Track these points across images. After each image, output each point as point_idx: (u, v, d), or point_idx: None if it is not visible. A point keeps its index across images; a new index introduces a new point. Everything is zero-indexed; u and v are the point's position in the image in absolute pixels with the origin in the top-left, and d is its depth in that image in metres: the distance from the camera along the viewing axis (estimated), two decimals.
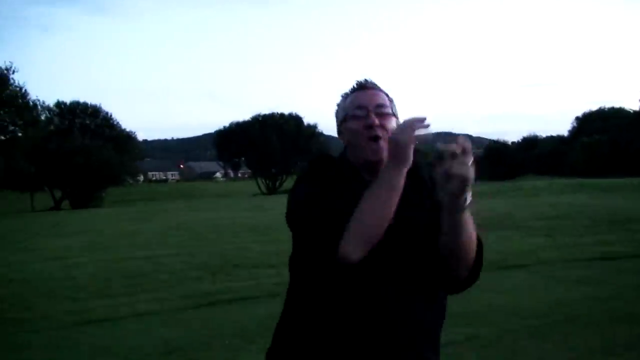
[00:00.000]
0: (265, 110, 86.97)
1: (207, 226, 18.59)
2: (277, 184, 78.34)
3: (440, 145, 1.70)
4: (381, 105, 1.96)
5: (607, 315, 6.44)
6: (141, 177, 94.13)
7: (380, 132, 1.91)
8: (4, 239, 18.02)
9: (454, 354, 5.23)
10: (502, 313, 6.83)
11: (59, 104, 56.33)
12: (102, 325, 7.50)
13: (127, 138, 58.01)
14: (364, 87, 2.01)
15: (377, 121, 1.92)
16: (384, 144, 1.89)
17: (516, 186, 30.09)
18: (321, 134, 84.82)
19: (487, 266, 6.95)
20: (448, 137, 1.79)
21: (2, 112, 39.93)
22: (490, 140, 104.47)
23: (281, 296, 7.14)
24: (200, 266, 11.44)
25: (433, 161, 1.71)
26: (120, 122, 58.90)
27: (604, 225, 14.22)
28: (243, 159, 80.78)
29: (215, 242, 14.84)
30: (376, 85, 2.01)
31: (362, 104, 1.96)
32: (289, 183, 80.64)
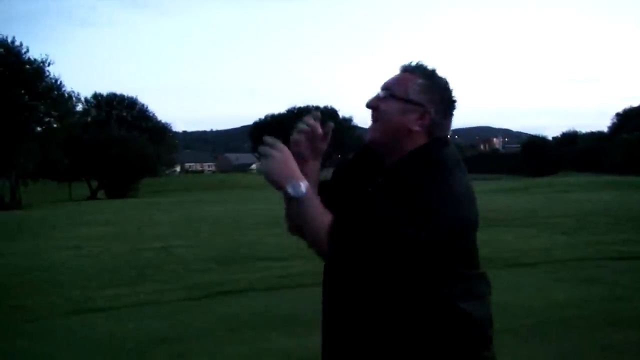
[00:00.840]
0: (301, 103, 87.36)
1: (229, 218, 18.70)
2: None
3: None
4: (384, 88, 1.91)
5: (605, 317, 6.23)
6: (178, 168, 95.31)
7: (373, 115, 1.90)
8: (29, 229, 18.35)
9: None
10: (495, 312, 6.66)
11: (96, 96, 57.16)
12: (98, 315, 7.52)
13: (163, 130, 58.66)
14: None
15: (371, 103, 1.91)
16: (374, 127, 1.89)
17: (547, 182, 29.67)
18: (356, 127, 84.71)
19: (496, 264, 6.95)
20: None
21: (37, 103, 40.67)
22: (530, 135, 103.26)
23: (282, 289, 7.19)
24: (211, 258, 11.47)
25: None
26: (156, 114, 59.61)
27: (628, 224, 13.87)
28: None
29: (232, 234, 14.90)
30: (409, 66, 1.92)
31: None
32: (322, 175, 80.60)
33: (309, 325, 6.30)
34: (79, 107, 50.59)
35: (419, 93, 1.85)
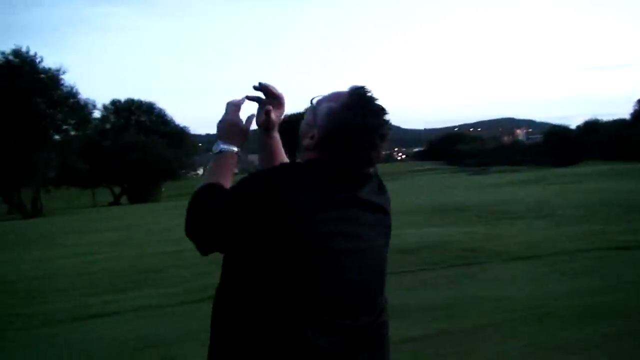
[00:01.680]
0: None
1: None
2: None
3: None
4: None
5: (589, 310, 6.18)
6: (200, 171, 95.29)
7: None
8: (45, 237, 18.60)
9: (411, 351, 5.15)
10: (485, 305, 6.66)
11: (114, 102, 57.69)
12: (96, 321, 7.61)
13: (181, 133, 59.02)
14: None
15: None
16: None
17: (564, 173, 29.41)
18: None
19: (501, 257, 6.88)
20: None
21: (54, 111, 41.22)
22: (552, 125, 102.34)
23: None
24: (220, 261, 11.48)
25: None
26: (174, 118, 60.03)
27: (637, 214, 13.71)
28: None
29: None
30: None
31: None
32: None
33: None
34: (97, 114, 51.15)
35: None
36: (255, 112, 2.06)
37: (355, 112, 1.76)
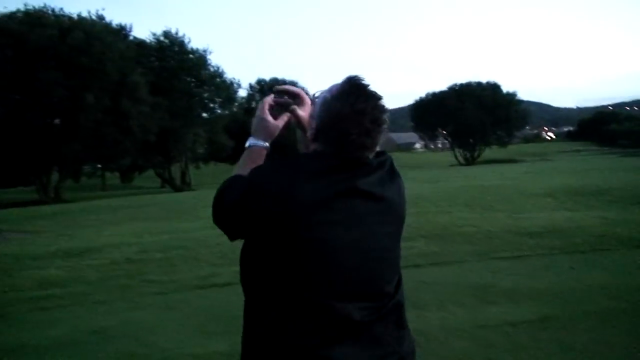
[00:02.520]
0: (462, 79, 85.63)
1: None
2: (476, 154, 76.94)
3: None
4: None
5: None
6: None
7: None
8: (190, 209, 19.74)
9: (524, 332, 5.16)
10: (596, 292, 6.49)
11: (259, 82, 59.61)
12: (220, 290, 8.04)
13: None
14: None
15: None
16: None
17: None
18: (521, 101, 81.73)
19: (626, 243, 6.69)
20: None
21: (201, 90, 43.30)
22: None
23: None
24: None
25: None
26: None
27: None
28: (440, 129, 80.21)
29: None
30: None
31: None
32: (487, 154, 79.04)
33: None
34: (243, 93, 53.11)
35: None
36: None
37: (346, 99, 1.81)
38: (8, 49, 36.02)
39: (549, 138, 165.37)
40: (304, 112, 2.07)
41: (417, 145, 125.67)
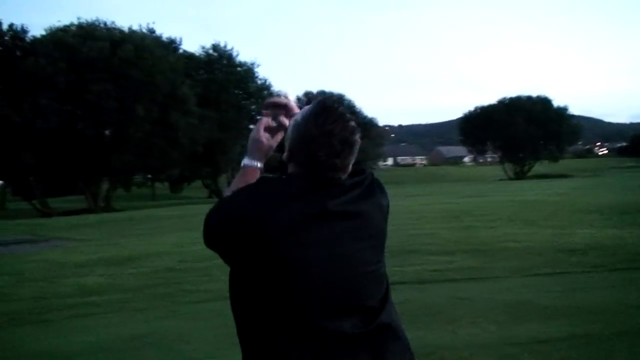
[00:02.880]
0: (512, 93, 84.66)
1: (412, 211, 18.82)
2: (526, 169, 75.90)
3: None
4: None
5: None
6: (390, 161, 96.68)
7: None
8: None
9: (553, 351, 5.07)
10: (633, 311, 6.32)
11: (306, 94, 60.07)
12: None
13: (369, 124, 60.16)
14: None
15: None
16: None
17: None
18: (572, 116, 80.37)
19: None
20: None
21: (248, 102, 43.78)
22: None
23: (429, 283, 7.53)
24: None
25: None
26: (362, 109, 61.34)
27: None
28: (488, 143, 79.38)
29: (408, 227, 14.96)
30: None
31: None
32: (538, 168, 77.92)
33: (431, 319, 6.41)
34: None
35: None
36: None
37: (314, 120, 1.80)
38: (61, 62, 36.99)
39: (601, 153, 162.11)
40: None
41: (466, 159, 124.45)
